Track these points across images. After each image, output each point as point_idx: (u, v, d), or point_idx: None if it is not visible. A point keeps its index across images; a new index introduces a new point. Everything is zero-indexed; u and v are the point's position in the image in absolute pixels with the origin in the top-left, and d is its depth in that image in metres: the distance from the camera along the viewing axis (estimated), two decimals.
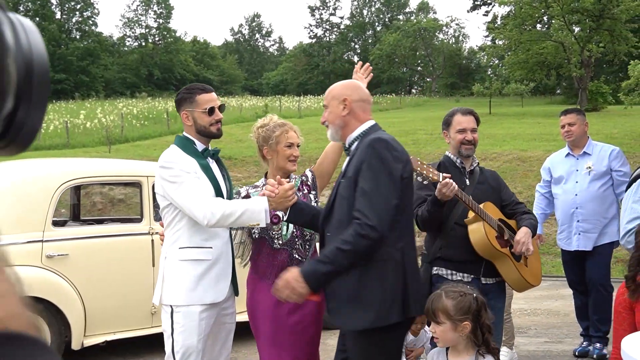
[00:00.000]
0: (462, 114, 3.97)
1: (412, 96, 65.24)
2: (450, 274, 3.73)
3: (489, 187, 3.94)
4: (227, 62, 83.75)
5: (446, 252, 3.74)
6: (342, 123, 3.02)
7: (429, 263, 3.80)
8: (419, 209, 3.69)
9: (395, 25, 77.00)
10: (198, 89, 3.52)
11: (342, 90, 3.07)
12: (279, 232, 3.52)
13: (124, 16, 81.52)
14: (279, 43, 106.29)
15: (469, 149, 3.90)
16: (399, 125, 26.70)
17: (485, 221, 3.64)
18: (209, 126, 3.48)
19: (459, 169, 3.92)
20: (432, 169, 3.46)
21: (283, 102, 46.27)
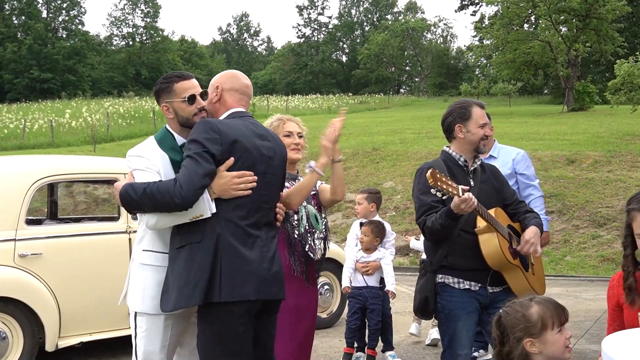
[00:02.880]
0: (479, 107, 3.67)
1: (401, 96, 65.23)
2: (457, 282, 3.52)
3: (491, 187, 3.69)
4: (215, 62, 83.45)
5: (452, 260, 3.49)
6: (212, 109, 3.17)
7: (432, 272, 3.57)
8: (427, 219, 3.46)
9: (384, 25, 76.99)
10: (175, 77, 3.20)
11: (218, 78, 3.21)
12: (298, 222, 3.61)
13: (111, 15, 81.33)
14: (267, 42, 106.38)
15: (485, 145, 3.68)
16: (386, 124, 26.64)
17: (498, 232, 3.42)
18: (192, 117, 3.13)
19: (463, 168, 3.64)
20: (450, 182, 3.22)
21: (271, 102, 46.10)
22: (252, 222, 2.97)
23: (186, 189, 2.82)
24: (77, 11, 73.70)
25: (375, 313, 5.36)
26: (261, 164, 3.03)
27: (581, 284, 9.40)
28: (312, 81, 78.72)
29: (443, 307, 3.56)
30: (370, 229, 5.39)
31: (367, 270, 5.38)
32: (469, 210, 3.26)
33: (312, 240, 3.66)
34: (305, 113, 39.52)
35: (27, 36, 67.23)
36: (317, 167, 3.42)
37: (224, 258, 2.88)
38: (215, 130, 2.93)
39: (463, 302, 3.50)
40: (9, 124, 30.33)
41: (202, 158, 2.88)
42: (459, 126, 3.64)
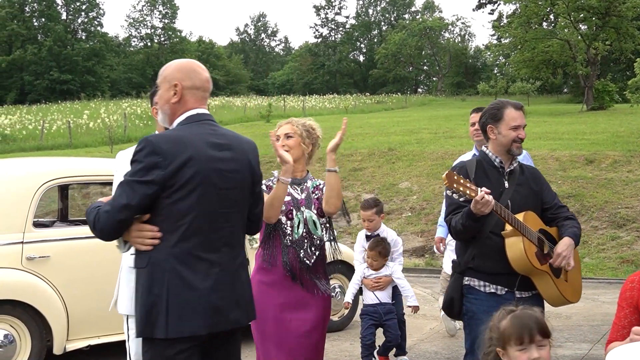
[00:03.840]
0: (514, 108, 3.56)
1: (418, 95, 64.94)
2: (482, 285, 3.46)
3: (529, 190, 3.58)
4: (232, 62, 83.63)
5: (479, 262, 3.43)
6: (168, 111, 2.80)
7: (460, 273, 3.53)
8: (452, 218, 3.44)
9: (401, 25, 76.67)
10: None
11: (174, 73, 2.80)
12: (292, 229, 3.55)
13: (130, 16, 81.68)
14: (284, 43, 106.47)
15: (519, 148, 3.57)
16: (403, 124, 26.52)
17: (524, 236, 3.33)
18: None
19: (498, 170, 3.56)
20: (468, 184, 3.18)
21: (288, 102, 46.11)
22: (206, 245, 2.67)
23: (102, 221, 2.59)
24: (96, 13, 74.31)
25: (392, 328, 5.26)
26: (216, 179, 2.69)
27: (599, 287, 9.22)
28: (329, 81, 78.65)
29: (467, 310, 3.52)
30: (378, 252, 5.25)
31: (378, 286, 5.28)
32: (487, 212, 3.21)
33: (308, 247, 3.58)
34: (322, 113, 39.48)
35: (47, 38, 67.92)
36: (281, 177, 3.40)
37: (170, 288, 2.58)
38: (157, 153, 2.58)
39: (488, 305, 3.39)
40: (28, 125, 30.67)
41: (130, 187, 2.59)
42: (491, 127, 3.59)
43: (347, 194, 14.68)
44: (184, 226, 2.61)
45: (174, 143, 2.62)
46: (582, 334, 6.33)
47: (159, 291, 2.58)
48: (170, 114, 2.79)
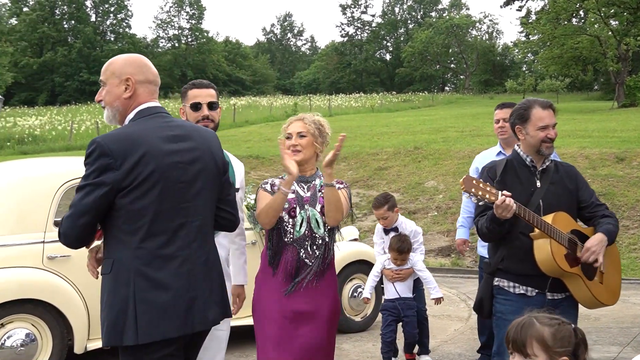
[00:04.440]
0: (541, 107, 3.45)
1: (445, 94, 64.49)
2: (512, 286, 3.41)
3: (563, 189, 3.48)
4: (259, 62, 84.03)
5: (509, 263, 3.39)
6: (121, 106, 2.70)
7: (490, 274, 3.49)
8: (479, 220, 3.40)
9: (428, 22, 76.24)
10: (191, 84, 3.43)
11: (125, 67, 2.70)
12: (293, 227, 3.42)
13: (157, 18, 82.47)
14: (310, 42, 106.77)
15: (550, 148, 3.47)
16: (429, 123, 26.32)
17: (552, 238, 3.24)
18: (194, 123, 3.28)
19: (529, 169, 3.48)
20: (488, 187, 3.13)
21: (314, 101, 46.10)
22: (173, 242, 2.58)
23: (65, 226, 2.54)
24: (125, 14, 75.25)
25: (410, 325, 5.17)
26: (175, 173, 2.60)
27: (630, 288, 8.98)
28: (355, 80, 78.52)
29: (497, 310, 3.48)
30: (397, 248, 5.14)
31: (399, 277, 5.19)
32: (508, 216, 3.16)
33: (309, 246, 3.44)
34: (348, 112, 39.42)
35: (77, 40, 68.97)
36: (282, 187, 3.31)
37: (137, 292, 2.50)
38: (107, 154, 2.49)
39: (517, 307, 3.31)
40: (57, 125, 31.12)
41: (85, 191, 2.51)
42: (519, 128, 3.51)
43: (372, 192, 14.59)
44: (145, 225, 2.53)
45: (125, 141, 2.54)
46: (612, 337, 6.16)
47: (125, 296, 2.50)
48: (122, 110, 2.71)
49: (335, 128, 14.93)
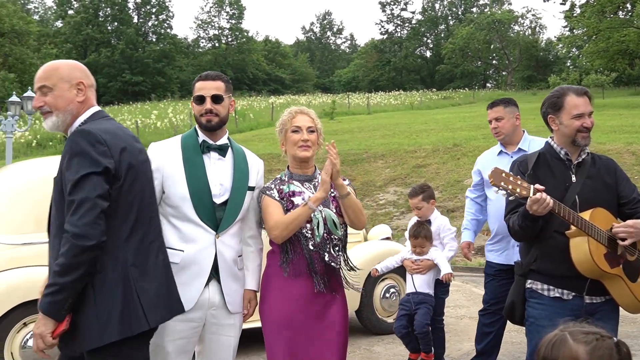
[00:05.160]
0: (576, 94, 3.22)
1: (487, 90, 63.48)
2: (547, 289, 3.16)
3: (601, 183, 3.24)
4: (298, 61, 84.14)
5: (543, 264, 3.15)
6: (74, 110, 2.75)
7: (521, 275, 3.25)
8: (510, 217, 3.18)
9: (469, 18, 75.21)
10: (199, 77, 3.30)
11: (73, 72, 2.77)
12: (312, 232, 3.25)
13: (198, 18, 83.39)
14: (350, 40, 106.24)
15: (586, 138, 3.21)
16: (470, 119, 25.88)
17: (590, 236, 3.00)
18: (199, 116, 3.23)
19: (564, 162, 3.25)
20: (519, 181, 2.91)
21: (352, 99, 45.86)
22: (149, 235, 2.73)
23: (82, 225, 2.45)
24: (166, 15, 76.13)
25: (420, 316, 4.88)
26: (147, 170, 2.83)
27: None
28: (395, 78, 77.96)
29: (529, 315, 3.24)
30: (413, 233, 5.01)
31: (418, 269, 4.98)
32: (543, 212, 2.92)
33: (330, 248, 3.26)
34: (386, 109, 39.10)
35: (120, 41, 70.07)
36: (310, 202, 3.15)
37: (134, 282, 2.60)
38: (101, 142, 2.57)
39: (552, 312, 3.11)
40: None
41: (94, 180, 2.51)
42: (551, 117, 3.27)
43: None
44: (132, 217, 2.65)
45: (110, 134, 2.64)
46: None
47: (125, 286, 2.58)
48: (75, 114, 2.75)
49: (374, 126, 14.94)
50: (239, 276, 3.27)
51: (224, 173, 3.22)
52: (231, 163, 3.26)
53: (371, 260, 6.28)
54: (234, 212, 3.19)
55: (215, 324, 3.18)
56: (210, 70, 3.29)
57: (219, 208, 3.16)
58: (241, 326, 3.33)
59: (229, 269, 3.18)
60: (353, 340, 6.29)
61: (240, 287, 3.28)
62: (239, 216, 3.23)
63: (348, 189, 3.23)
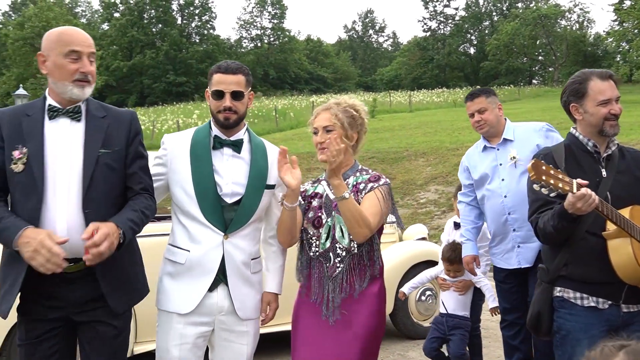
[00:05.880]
0: (600, 78, 2.93)
1: (532, 87, 62.12)
2: (579, 297, 2.83)
3: (632, 178, 2.93)
4: (340, 60, 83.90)
5: (574, 269, 2.83)
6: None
7: (548, 282, 2.92)
8: (539, 217, 2.84)
9: (514, 14, 73.69)
10: (217, 67, 3.03)
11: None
12: (318, 239, 3.00)
13: (240, 18, 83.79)
14: (392, 38, 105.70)
15: (615, 127, 2.92)
16: (514, 116, 25.15)
17: (633, 237, 2.70)
18: (216, 112, 3.00)
19: (592, 155, 2.94)
20: (560, 175, 2.57)
21: (394, 97, 45.42)
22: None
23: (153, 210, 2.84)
24: (209, 16, 76.82)
25: (456, 344, 4.59)
26: None
27: None
28: (438, 75, 77.01)
29: (560, 327, 2.88)
30: (448, 257, 4.63)
31: (457, 289, 4.63)
32: (588, 210, 2.58)
33: (333, 258, 2.96)
34: (429, 107, 38.59)
35: (164, 43, 70.95)
36: (285, 201, 2.91)
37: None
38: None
39: (586, 323, 2.79)
40: (141, 125, 32.00)
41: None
42: (574, 106, 2.96)
43: (451, 189, 13.97)
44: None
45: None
46: None
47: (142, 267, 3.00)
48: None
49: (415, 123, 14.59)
50: (251, 280, 3.05)
51: (238, 171, 3.01)
52: (248, 160, 3.04)
53: (407, 262, 6.04)
54: (247, 213, 2.98)
55: (226, 330, 2.99)
56: (231, 62, 3.03)
57: (230, 208, 2.96)
58: (257, 333, 3.12)
59: (238, 273, 2.97)
60: (387, 344, 6.06)
61: (253, 292, 3.06)
62: (254, 217, 3.01)
63: (347, 192, 2.84)
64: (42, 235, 2.47)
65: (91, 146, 2.70)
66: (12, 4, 75.26)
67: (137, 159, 2.82)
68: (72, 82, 2.70)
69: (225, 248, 2.94)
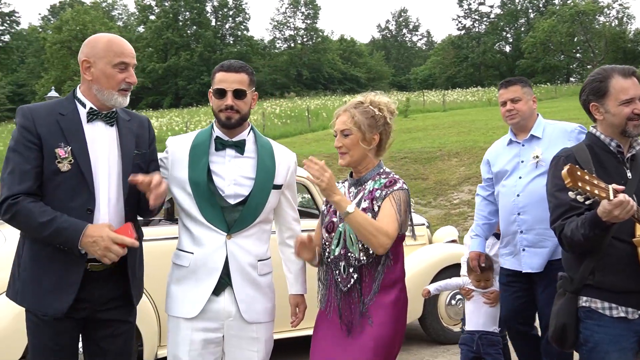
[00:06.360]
0: (622, 75, 2.77)
1: (570, 85, 61.03)
2: (608, 307, 2.67)
3: None
4: (374, 59, 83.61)
5: (602, 277, 2.68)
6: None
7: (573, 292, 2.75)
8: (565, 224, 2.67)
9: (550, 11, 72.48)
10: (219, 66, 3.00)
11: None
12: (329, 245, 2.92)
13: (274, 19, 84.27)
14: (426, 37, 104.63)
15: (638, 126, 2.77)
16: (549, 115, 24.52)
17: None
18: (217, 111, 2.96)
19: (615, 156, 2.79)
20: (597, 180, 2.41)
21: (427, 96, 45.03)
22: None
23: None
24: (242, 17, 77.28)
25: None
26: None
27: None
28: (473, 74, 76.17)
29: (587, 340, 2.72)
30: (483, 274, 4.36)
31: (488, 301, 4.38)
32: (625, 218, 2.42)
33: (344, 267, 2.86)
34: (463, 106, 38.17)
35: (198, 44, 71.60)
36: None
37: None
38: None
39: (615, 334, 2.65)
40: (174, 126, 32.34)
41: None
42: (594, 105, 2.80)
43: None
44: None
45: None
46: None
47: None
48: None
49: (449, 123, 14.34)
50: (258, 282, 2.97)
51: (242, 171, 2.96)
52: (253, 160, 2.99)
53: (436, 265, 5.90)
54: (252, 213, 2.93)
55: (235, 336, 2.94)
56: (235, 61, 2.99)
57: (233, 209, 2.91)
58: (268, 340, 3.04)
59: (243, 274, 2.92)
60: (416, 350, 5.95)
61: (261, 294, 2.99)
62: (260, 217, 2.96)
63: (351, 206, 2.71)
64: (105, 231, 2.60)
65: (127, 148, 2.83)
66: (51, 8, 76.84)
67: (153, 161, 2.99)
68: (118, 91, 2.78)
69: (228, 248, 2.90)
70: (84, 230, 2.58)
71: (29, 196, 2.62)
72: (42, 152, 2.64)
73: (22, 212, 2.59)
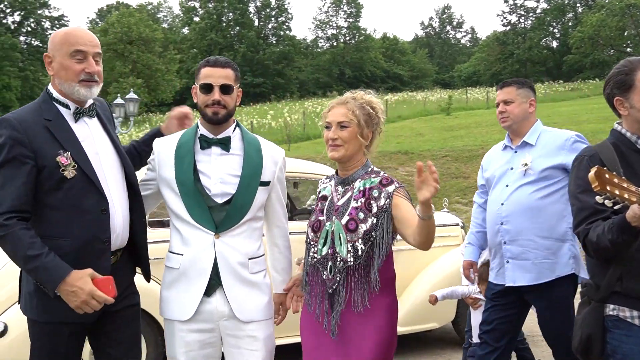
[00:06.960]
0: None
1: None
2: (637, 316, 2.52)
3: None
4: (417, 57, 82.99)
5: (630, 285, 2.53)
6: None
7: (599, 301, 2.60)
8: (589, 228, 2.53)
9: (599, 4, 70.74)
10: (205, 61, 2.97)
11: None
12: (316, 245, 2.84)
13: (316, 19, 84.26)
14: (470, 34, 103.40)
15: None
16: (598, 111, 24.22)
17: None
18: (203, 107, 2.91)
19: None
20: (626, 184, 2.26)
21: (471, 94, 44.45)
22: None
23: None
24: (285, 17, 77.66)
25: None
26: None
27: None
28: (518, 70, 74.82)
29: (614, 350, 2.56)
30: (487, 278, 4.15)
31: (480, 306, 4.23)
32: None
33: (331, 267, 2.77)
34: None
35: (241, 45, 72.23)
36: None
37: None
38: None
39: None
40: None
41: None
42: (619, 100, 2.64)
43: None
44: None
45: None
46: None
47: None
48: None
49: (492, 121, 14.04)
50: (251, 281, 2.90)
51: (228, 169, 2.90)
52: (239, 157, 2.92)
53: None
54: (239, 211, 2.86)
55: (232, 336, 2.88)
56: (219, 56, 2.97)
57: (221, 207, 2.84)
58: (268, 338, 2.96)
59: (233, 273, 2.84)
60: (450, 353, 5.83)
61: (254, 292, 2.92)
62: (248, 215, 2.89)
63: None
64: (88, 285, 2.51)
65: (115, 140, 2.86)
66: (98, 12, 78.59)
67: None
68: (78, 83, 2.71)
69: (217, 248, 2.84)
70: (66, 278, 2.50)
71: (22, 219, 2.54)
72: (37, 165, 2.58)
73: (11, 239, 2.51)
